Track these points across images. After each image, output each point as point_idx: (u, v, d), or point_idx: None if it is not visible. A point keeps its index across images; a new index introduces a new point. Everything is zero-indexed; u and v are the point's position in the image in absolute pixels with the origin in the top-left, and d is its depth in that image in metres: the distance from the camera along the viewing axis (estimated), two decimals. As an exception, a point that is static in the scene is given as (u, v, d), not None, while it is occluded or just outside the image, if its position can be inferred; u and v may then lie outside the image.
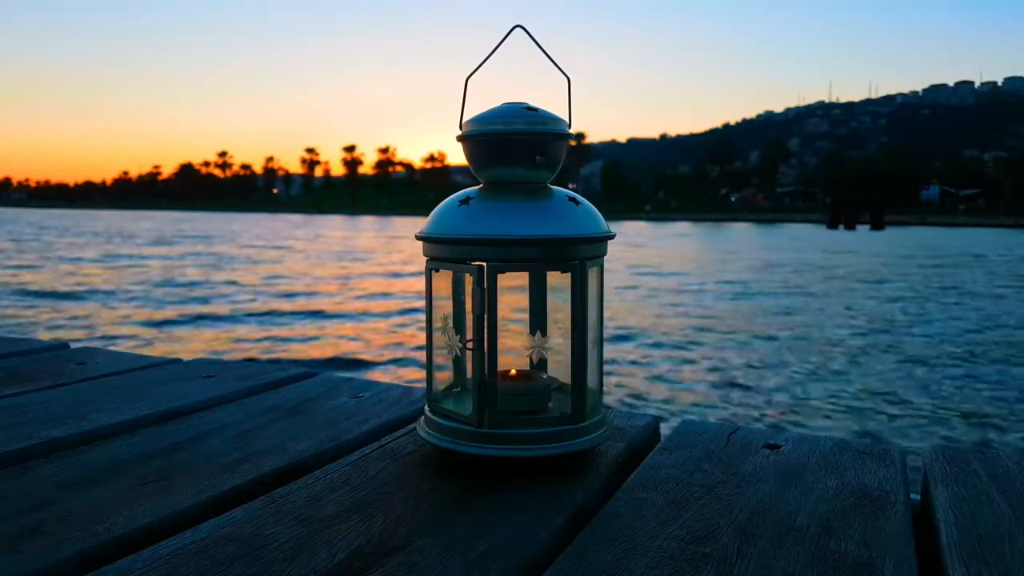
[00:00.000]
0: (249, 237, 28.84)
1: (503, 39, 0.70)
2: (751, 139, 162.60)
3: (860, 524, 0.58)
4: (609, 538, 0.55)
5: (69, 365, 1.09)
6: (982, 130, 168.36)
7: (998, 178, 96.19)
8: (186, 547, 0.53)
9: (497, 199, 0.70)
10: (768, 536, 0.56)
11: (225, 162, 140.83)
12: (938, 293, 11.63)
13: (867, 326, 8.35)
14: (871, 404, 5.00)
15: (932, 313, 9.49)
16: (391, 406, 0.89)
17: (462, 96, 0.71)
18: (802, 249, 23.84)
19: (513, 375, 0.74)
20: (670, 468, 0.70)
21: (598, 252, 0.69)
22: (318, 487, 0.65)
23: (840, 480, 0.67)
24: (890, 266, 17.13)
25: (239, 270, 14.44)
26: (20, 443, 0.74)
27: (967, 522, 0.58)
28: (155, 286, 11.37)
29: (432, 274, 0.71)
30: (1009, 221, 60.38)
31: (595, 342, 0.71)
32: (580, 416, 0.68)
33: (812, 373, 5.89)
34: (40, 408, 0.87)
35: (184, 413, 0.87)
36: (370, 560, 0.51)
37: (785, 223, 60.67)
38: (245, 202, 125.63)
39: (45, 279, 12.04)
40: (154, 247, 21.33)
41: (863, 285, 12.83)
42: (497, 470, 0.68)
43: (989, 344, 7.33)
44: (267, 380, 1.01)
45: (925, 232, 41.96)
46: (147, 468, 0.69)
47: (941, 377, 5.86)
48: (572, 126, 0.72)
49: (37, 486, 0.65)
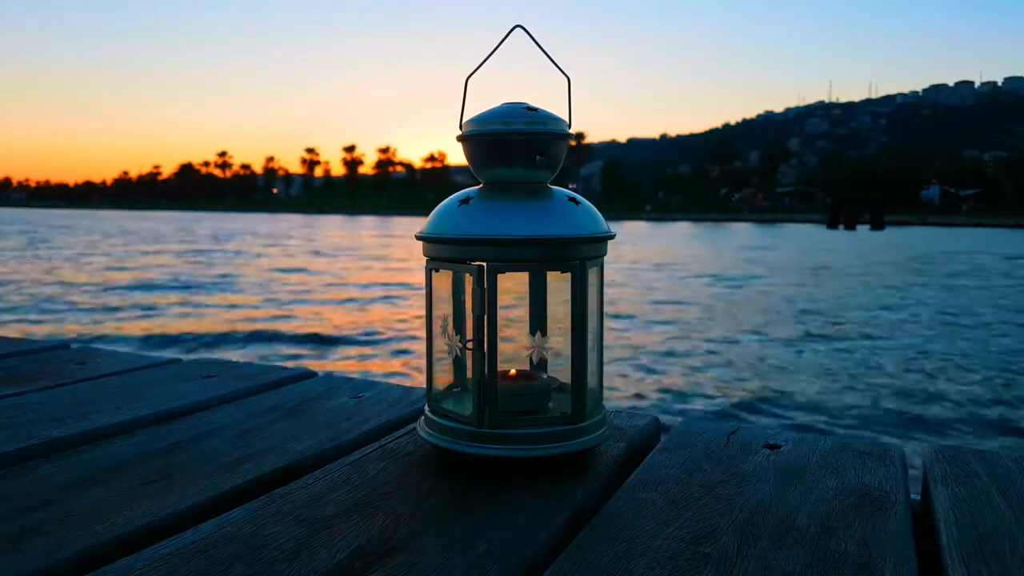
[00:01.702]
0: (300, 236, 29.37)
1: (503, 39, 0.70)
2: (751, 139, 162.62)
3: (860, 524, 0.58)
4: (609, 538, 0.55)
5: (69, 365, 1.09)
6: (982, 130, 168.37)
7: (998, 178, 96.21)
8: (186, 547, 0.53)
9: (497, 199, 0.70)
10: (768, 536, 0.56)
11: (225, 162, 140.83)
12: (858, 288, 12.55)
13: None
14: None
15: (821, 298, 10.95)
16: (391, 406, 0.89)
17: (462, 96, 0.71)
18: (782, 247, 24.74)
19: (513, 375, 0.74)
20: (670, 468, 0.70)
21: (598, 252, 0.69)
22: (318, 487, 0.65)
23: (840, 480, 0.67)
24: (858, 263, 18.07)
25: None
26: (20, 443, 0.74)
27: (967, 522, 0.58)
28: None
29: (432, 274, 0.71)
30: (1009, 221, 60.38)
31: (595, 342, 0.71)
32: (580, 416, 0.68)
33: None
34: (40, 408, 0.87)
35: (184, 413, 0.87)
36: (370, 560, 0.51)
37: (785, 223, 60.72)
38: (245, 202, 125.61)
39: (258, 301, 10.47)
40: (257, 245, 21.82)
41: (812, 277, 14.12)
42: (497, 470, 0.68)
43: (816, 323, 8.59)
44: (267, 380, 1.01)
45: (923, 232, 42.10)
46: (147, 468, 0.69)
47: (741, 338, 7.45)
48: (572, 126, 0.72)
49: (37, 486, 0.65)
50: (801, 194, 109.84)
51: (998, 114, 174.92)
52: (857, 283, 13.08)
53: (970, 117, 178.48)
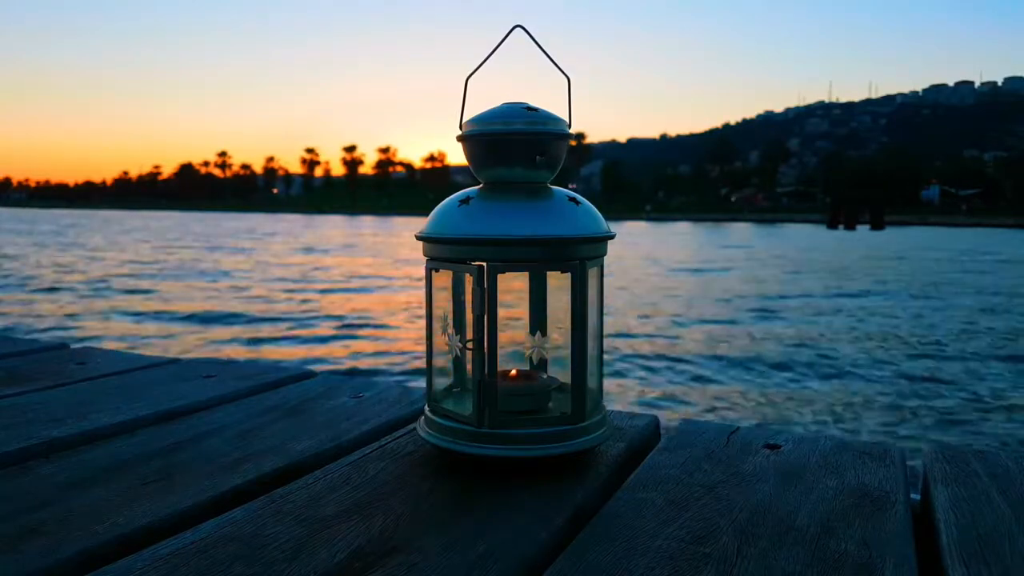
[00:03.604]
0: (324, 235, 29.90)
1: (503, 39, 0.70)
2: (751, 139, 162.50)
3: (860, 524, 0.58)
4: (609, 538, 0.55)
5: (69, 365, 1.09)
6: (982, 130, 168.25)
7: (998, 178, 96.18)
8: (186, 547, 0.53)
9: (497, 199, 0.70)
10: (768, 536, 0.56)
11: (225, 162, 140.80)
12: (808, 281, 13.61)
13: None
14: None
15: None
16: (391, 406, 0.89)
17: (462, 96, 0.71)
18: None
19: (513, 375, 0.74)
20: (670, 468, 0.70)
21: (598, 252, 0.69)
22: (318, 487, 0.65)
23: (840, 480, 0.67)
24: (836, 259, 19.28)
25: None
26: (20, 443, 0.74)
27: (967, 522, 0.58)
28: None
29: (432, 274, 0.71)
30: (1009, 221, 60.36)
31: (595, 342, 0.71)
32: (580, 416, 0.68)
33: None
34: (40, 408, 0.87)
35: (184, 413, 0.87)
36: (370, 560, 0.51)
37: (785, 223, 60.73)
38: (245, 202, 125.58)
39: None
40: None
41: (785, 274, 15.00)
42: (497, 470, 0.68)
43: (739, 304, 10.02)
44: (267, 380, 1.01)
45: (922, 232, 42.16)
46: (147, 468, 0.69)
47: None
48: (572, 126, 0.72)
49: (37, 486, 0.65)
50: (801, 194, 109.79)
51: (998, 114, 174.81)
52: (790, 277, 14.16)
53: (970, 117, 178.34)
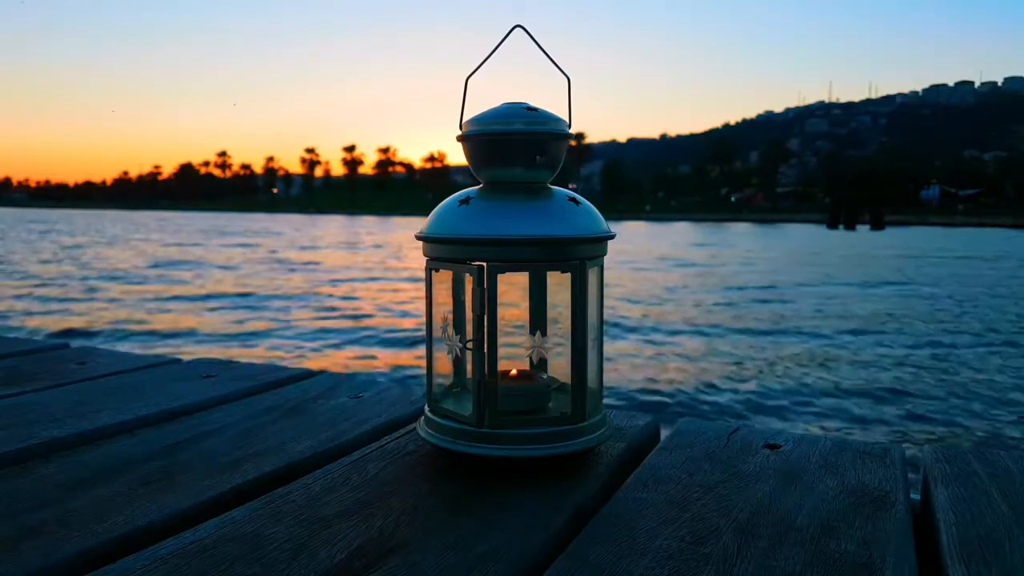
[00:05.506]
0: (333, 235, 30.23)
1: (503, 39, 0.70)
2: (751, 139, 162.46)
3: (860, 524, 0.58)
4: (609, 538, 0.55)
5: (69, 365, 1.09)
6: (982, 130, 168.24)
7: (998, 178, 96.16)
8: (186, 547, 0.53)
9: (497, 199, 0.70)
10: (768, 536, 0.56)
11: (225, 162, 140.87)
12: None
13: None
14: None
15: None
16: (391, 406, 0.89)
17: (462, 96, 0.71)
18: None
19: (513, 375, 0.74)
20: (670, 468, 0.70)
21: (598, 252, 0.69)
22: (318, 487, 0.65)
23: (840, 480, 0.67)
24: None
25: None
26: (20, 443, 0.74)
27: (967, 522, 0.58)
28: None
29: (432, 274, 0.71)
30: (1009, 221, 60.35)
31: (595, 342, 0.71)
32: (580, 416, 0.68)
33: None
34: (40, 408, 0.87)
35: (184, 413, 0.87)
36: (370, 560, 0.51)
37: (785, 223, 60.71)
38: (245, 202, 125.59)
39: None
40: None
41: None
42: (497, 470, 0.68)
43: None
44: (267, 380, 1.01)
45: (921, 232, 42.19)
46: (147, 468, 0.69)
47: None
48: (572, 126, 0.72)
49: (37, 486, 0.65)
50: (801, 194, 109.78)
51: (998, 114, 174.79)
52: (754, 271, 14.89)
53: (970, 117, 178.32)
